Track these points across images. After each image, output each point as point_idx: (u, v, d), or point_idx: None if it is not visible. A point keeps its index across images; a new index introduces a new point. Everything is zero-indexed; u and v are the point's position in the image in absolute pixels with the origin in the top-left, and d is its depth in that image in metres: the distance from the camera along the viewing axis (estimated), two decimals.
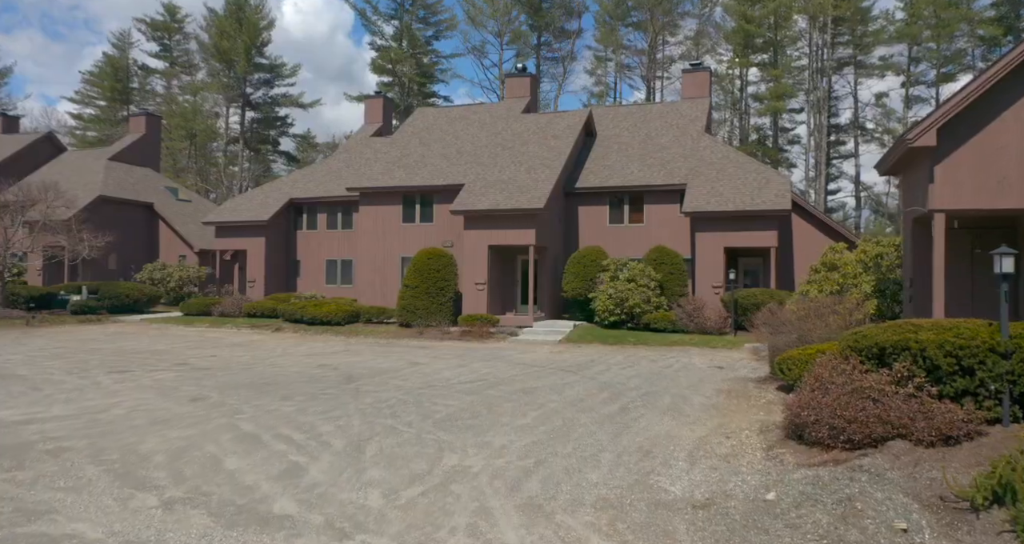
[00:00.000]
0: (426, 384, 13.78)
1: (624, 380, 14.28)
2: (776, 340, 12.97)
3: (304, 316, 25.66)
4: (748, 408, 11.29)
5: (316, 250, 31.07)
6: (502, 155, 27.50)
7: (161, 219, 38.11)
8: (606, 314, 23.05)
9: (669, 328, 22.40)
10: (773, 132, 51.56)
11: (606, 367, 16.27)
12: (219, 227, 31.36)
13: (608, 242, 26.37)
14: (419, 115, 33.08)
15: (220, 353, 19.08)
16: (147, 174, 40.74)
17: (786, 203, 23.48)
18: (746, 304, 22.10)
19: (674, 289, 24.08)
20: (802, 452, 8.32)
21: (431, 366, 16.40)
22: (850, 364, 8.71)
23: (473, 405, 11.63)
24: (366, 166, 30.35)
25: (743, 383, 13.75)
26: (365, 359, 17.80)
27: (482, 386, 13.51)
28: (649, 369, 15.92)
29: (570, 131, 28.04)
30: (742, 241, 23.92)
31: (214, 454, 8.76)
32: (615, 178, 26.90)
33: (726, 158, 26.70)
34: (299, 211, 31.59)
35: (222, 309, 28.26)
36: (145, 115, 42.34)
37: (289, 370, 15.76)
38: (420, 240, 26.87)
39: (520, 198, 24.26)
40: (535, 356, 18.46)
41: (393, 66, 64.56)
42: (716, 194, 24.57)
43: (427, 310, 24.16)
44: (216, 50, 65.32)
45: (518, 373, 15.26)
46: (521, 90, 32.20)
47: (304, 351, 19.74)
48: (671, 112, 30.89)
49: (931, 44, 50.15)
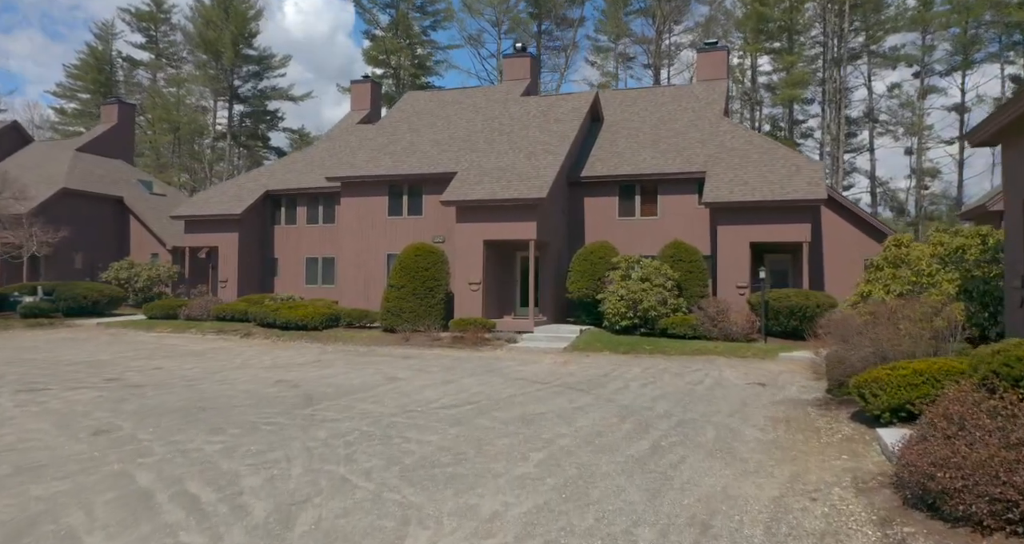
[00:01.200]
0: (402, 408, 11.01)
1: (648, 402, 11.50)
2: (846, 353, 10.20)
3: (277, 320, 22.88)
4: (822, 448, 8.52)
5: (295, 247, 28.28)
6: (499, 141, 24.74)
7: (132, 214, 35.33)
8: (617, 318, 20.28)
9: (689, 334, 19.63)
10: (788, 124, 48.77)
11: (623, 384, 13.49)
12: (188, 222, 28.58)
13: (618, 237, 23.60)
14: (409, 99, 30.30)
15: (168, 364, 16.29)
16: (118, 166, 37.94)
17: (820, 192, 20.74)
18: (778, 307, 19.33)
19: (693, 290, 21.31)
20: (942, 534, 5.56)
21: (412, 382, 13.61)
22: (1005, 400, 5.94)
23: (457, 442, 8.86)
24: (350, 154, 27.58)
25: (799, 408, 10.98)
26: (336, 373, 15.02)
27: (471, 412, 10.74)
28: (675, 386, 13.16)
29: (575, 114, 25.28)
30: (770, 235, 21.16)
31: (71, 530, 5.99)
32: (625, 166, 24.14)
33: (749, 143, 23.94)
34: (277, 204, 28.81)
35: (189, 312, 25.48)
36: (117, 103, 39.52)
37: (238, 388, 12.98)
38: (408, 235, 24.09)
39: (519, 187, 21.50)
40: (537, 369, 15.69)
41: (388, 57, 61.78)
42: (740, 182, 21.81)
43: (414, 313, 21.39)
44: (202, 41, 62.55)
45: (517, 392, 12.49)
46: (520, 71, 29.42)
47: (268, 362, 16.97)
48: (685, 95, 28.14)
49: (954, 28, 47.41)
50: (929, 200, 54.24)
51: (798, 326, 19.32)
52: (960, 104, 51.69)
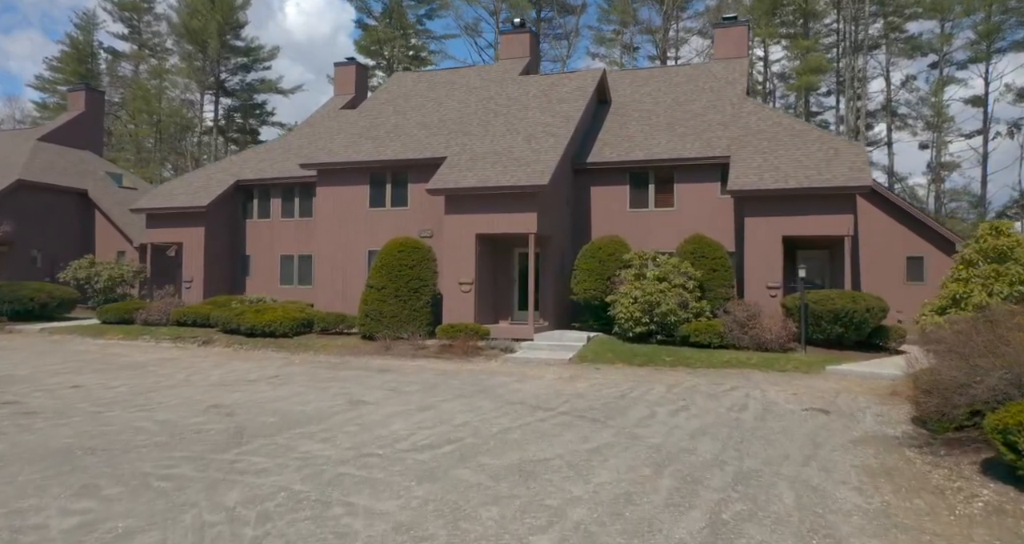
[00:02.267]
0: (357, 451, 8.20)
1: (687, 441, 8.70)
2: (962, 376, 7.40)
3: (241, 325, 20.06)
4: (965, 527, 5.72)
5: (269, 243, 25.45)
6: (495, 123, 21.93)
7: (97, 209, 32.48)
8: (630, 324, 17.47)
9: (715, 342, 16.81)
10: (804, 115, 45.90)
11: (647, 410, 10.68)
12: (150, 216, 25.74)
13: (629, 231, 20.81)
14: (395, 81, 27.47)
15: (92, 381, 13.47)
16: (85, 157, 35.08)
17: (865, 178, 17.95)
18: (819, 311, 16.51)
19: (717, 291, 18.51)
20: None
21: (381, 409, 10.80)
22: None
23: (423, 513, 6.06)
24: (329, 140, 24.75)
25: (893, 450, 8.18)
26: (290, 394, 12.20)
27: (450, 457, 7.94)
28: (715, 414, 10.35)
29: (580, 93, 22.47)
30: (806, 228, 18.36)
31: None
32: (637, 151, 21.33)
33: (778, 125, 21.14)
34: (249, 196, 25.97)
35: (146, 316, 22.66)
36: (85, 89, 36.60)
37: (157, 417, 10.16)
38: (392, 229, 21.27)
39: (517, 173, 18.70)
40: (538, 386, 12.89)
41: (380, 47, 58.96)
42: (770, 168, 19.01)
43: (396, 318, 18.59)
44: (187, 30, 59.76)
45: (512, 423, 9.68)
46: (519, 49, 26.60)
47: (216, 377, 14.15)
48: (702, 75, 25.34)
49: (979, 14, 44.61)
50: (950, 197, 51.55)
51: (843, 333, 16.54)
52: (983, 95, 49.08)
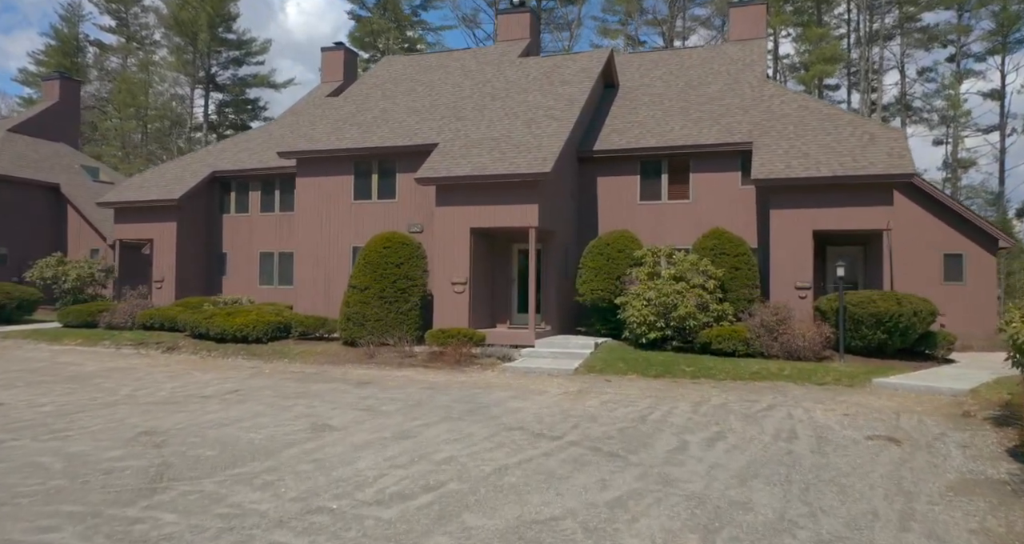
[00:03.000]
0: (304, 504, 6.21)
1: (736, 489, 6.70)
2: None
3: (210, 330, 18.09)
4: None
5: (248, 240, 23.46)
6: (492, 107, 19.96)
7: (70, 204, 30.48)
8: (643, 329, 15.49)
9: (740, 350, 14.84)
10: None
11: (676, 439, 8.69)
12: (119, 210, 23.76)
13: (640, 225, 18.84)
14: (385, 65, 25.48)
15: (17, 398, 11.49)
16: (59, 150, 33.08)
17: (908, 165, 15.97)
18: (859, 315, 14.54)
19: (739, 291, 16.54)
20: None
21: (348, 437, 8.81)
22: None
23: None
24: (311, 127, 22.76)
25: (1014, 503, 6.20)
26: (243, 415, 10.21)
27: (426, 516, 5.94)
28: (761, 445, 8.37)
29: (585, 75, 20.50)
30: (841, 221, 16.37)
31: None
32: (649, 137, 19.36)
33: (804, 109, 19.17)
34: (226, 188, 23.98)
35: (111, 318, 20.68)
36: (59, 79, 34.61)
37: (69, 448, 8.16)
38: (378, 223, 19.29)
39: (517, 160, 16.72)
40: (540, 405, 10.90)
41: (374, 39, 57.01)
42: (799, 155, 17.04)
43: (382, 322, 16.62)
44: (176, 22, 57.79)
45: (509, 460, 7.70)
46: (518, 30, 24.61)
47: (166, 392, 12.17)
48: (717, 57, 23.36)
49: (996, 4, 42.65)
50: (966, 194, 49.59)
51: (886, 340, 14.57)
52: (1000, 89, 47.16)
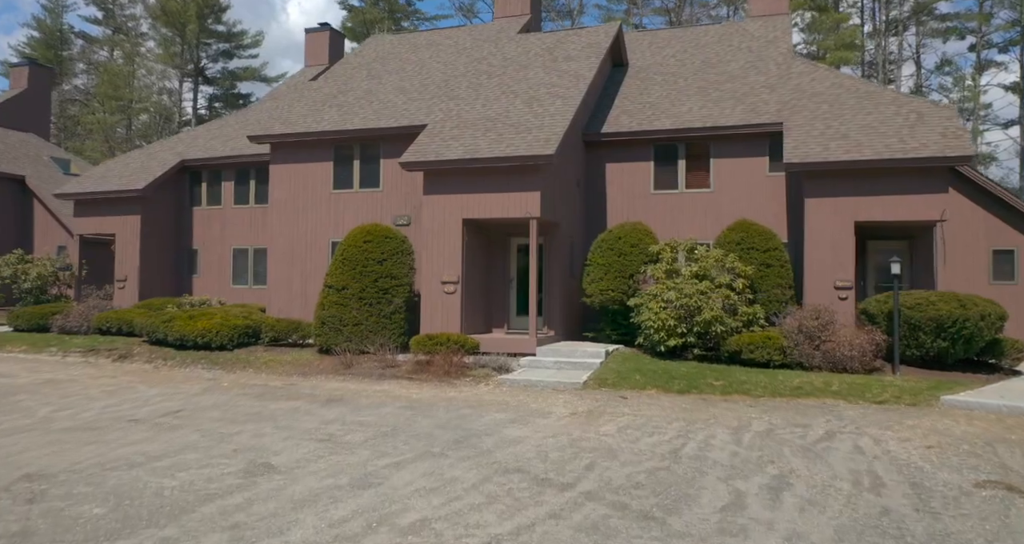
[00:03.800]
0: None
1: None
2: None
3: (169, 335, 15.97)
4: None
5: (220, 235, 21.33)
6: (487, 85, 17.84)
7: (36, 197, 28.36)
8: (661, 335, 13.37)
9: (775, 360, 12.73)
10: None
11: (726, 490, 6.56)
12: (78, 202, 21.63)
13: (654, 217, 16.75)
14: (372, 43, 23.36)
15: None
16: (26, 140, 30.98)
17: (965, 146, 13.87)
18: (918, 319, 12.41)
19: (771, 292, 14.46)
20: None
21: (290, 485, 6.67)
22: None
23: None
24: (287, 112, 20.62)
25: None
26: (169, 449, 8.08)
27: None
28: (844, 498, 6.24)
29: (591, 50, 18.39)
30: (887, 211, 14.23)
31: None
32: (663, 119, 17.25)
33: (839, 86, 17.05)
34: (196, 179, 21.84)
35: (65, 321, 18.60)
36: (29, 65, 32.48)
37: None
38: (361, 214, 17.19)
39: (516, 141, 14.62)
40: (544, 433, 8.77)
41: (367, 29, 54.84)
42: (837, 136, 14.92)
43: (361, 327, 14.51)
44: (164, 12, 55.66)
45: (503, 528, 5.55)
46: (517, 5, 22.47)
47: (91, 414, 10.06)
48: (736, 34, 21.25)
49: None
50: None
51: (947, 349, 12.46)
52: (1021, 81, 45.06)
